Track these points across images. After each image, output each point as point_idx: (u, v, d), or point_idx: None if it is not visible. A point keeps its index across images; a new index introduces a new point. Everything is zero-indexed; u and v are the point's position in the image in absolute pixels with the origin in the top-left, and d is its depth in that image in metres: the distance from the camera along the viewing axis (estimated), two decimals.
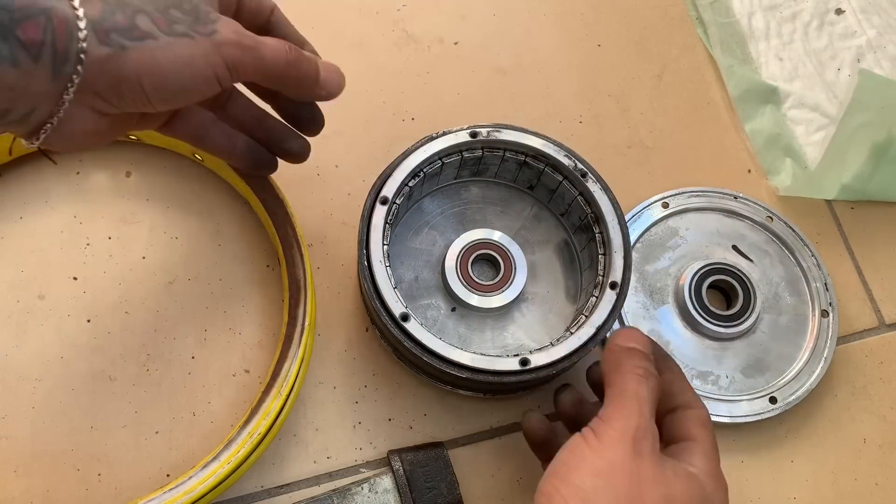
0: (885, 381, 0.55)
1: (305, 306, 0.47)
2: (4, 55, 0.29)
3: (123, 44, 0.32)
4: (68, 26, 0.31)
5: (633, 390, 0.36)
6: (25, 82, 0.31)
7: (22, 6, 0.30)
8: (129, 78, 0.33)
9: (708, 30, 0.65)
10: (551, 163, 0.49)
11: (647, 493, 0.33)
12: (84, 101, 0.33)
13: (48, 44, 0.30)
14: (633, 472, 0.33)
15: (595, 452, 0.34)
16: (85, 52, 0.32)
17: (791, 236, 0.56)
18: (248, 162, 0.45)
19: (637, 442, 0.34)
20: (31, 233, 0.51)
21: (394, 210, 0.47)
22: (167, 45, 0.33)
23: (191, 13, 0.35)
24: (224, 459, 0.43)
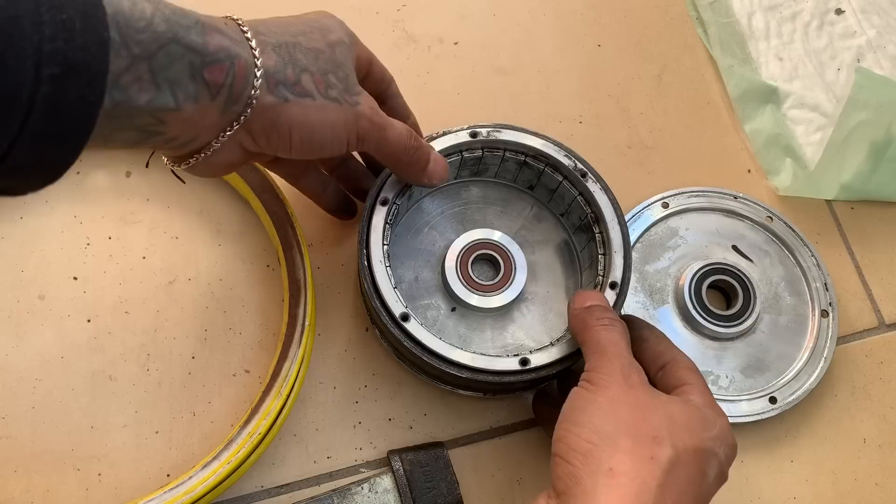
0: (885, 381, 0.55)
1: (305, 306, 0.47)
2: (190, 93, 0.32)
3: (287, 97, 0.36)
4: (247, 73, 0.34)
5: (606, 338, 0.39)
6: (198, 116, 0.34)
7: (213, 51, 0.33)
8: (282, 127, 0.37)
9: (708, 30, 0.65)
10: (551, 163, 0.49)
11: (649, 416, 0.36)
12: (237, 136, 0.37)
13: (227, 86, 0.34)
14: (630, 401, 0.36)
15: (594, 394, 0.37)
16: (256, 99, 0.35)
17: (791, 236, 0.56)
18: (334, 205, 0.50)
19: (626, 377, 0.37)
20: (31, 233, 0.51)
21: (394, 210, 0.47)
22: (321, 106, 0.37)
23: (343, 81, 0.39)
24: (224, 459, 0.43)
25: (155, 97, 0.31)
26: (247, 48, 0.35)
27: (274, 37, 0.37)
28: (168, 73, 0.31)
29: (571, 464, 0.35)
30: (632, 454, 0.34)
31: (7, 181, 0.27)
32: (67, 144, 0.28)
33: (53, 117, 0.26)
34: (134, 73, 0.29)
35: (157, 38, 0.30)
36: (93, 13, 0.27)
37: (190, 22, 0.32)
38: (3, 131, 0.25)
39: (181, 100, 0.32)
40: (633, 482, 0.33)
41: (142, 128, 0.32)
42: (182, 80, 0.32)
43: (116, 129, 0.31)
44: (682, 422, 0.36)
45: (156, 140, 0.34)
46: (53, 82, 0.25)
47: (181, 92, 0.32)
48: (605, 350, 0.39)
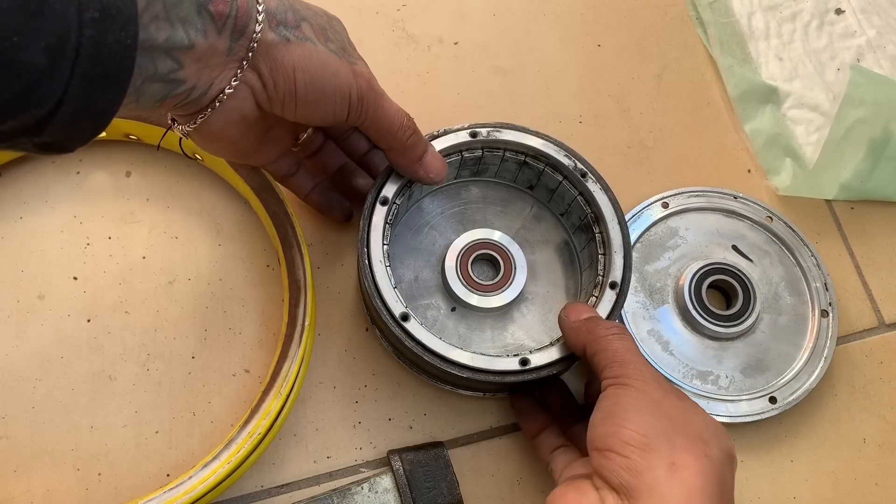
0: (885, 381, 0.55)
1: (305, 306, 0.47)
2: (198, 28, 0.33)
3: (288, 37, 0.37)
4: (248, 7, 0.35)
5: (625, 347, 0.40)
6: (209, 54, 0.34)
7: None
8: (286, 67, 0.37)
9: (708, 30, 0.65)
10: (551, 163, 0.49)
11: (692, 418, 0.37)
12: (248, 79, 0.37)
13: (231, 18, 0.34)
14: (672, 404, 0.37)
15: (637, 393, 0.37)
16: (258, 34, 0.36)
17: (791, 236, 0.56)
18: (324, 203, 0.50)
19: (659, 382, 0.38)
20: (31, 233, 0.51)
21: (394, 210, 0.47)
22: (322, 52, 0.38)
23: (340, 42, 0.40)
24: (224, 459, 0.43)
25: (171, 34, 0.32)
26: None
27: None
28: (179, 11, 0.32)
29: (629, 458, 0.35)
30: (691, 451, 0.35)
31: (61, 131, 0.28)
32: (113, 87, 0.29)
33: (99, 59, 0.27)
34: (151, 12, 0.31)
35: None
36: None
37: None
38: (59, 74, 0.26)
39: (192, 35, 0.33)
40: (696, 476, 0.34)
41: (165, 75, 0.33)
42: (190, 17, 0.33)
43: (146, 80, 0.32)
44: (714, 427, 0.37)
45: (179, 91, 0.35)
46: (95, 26, 0.26)
47: (191, 28, 0.33)
48: (627, 359, 0.39)
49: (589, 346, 0.41)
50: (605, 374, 0.39)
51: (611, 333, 0.41)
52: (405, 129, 0.43)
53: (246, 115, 0.39)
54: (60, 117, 0.27)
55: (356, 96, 0.40)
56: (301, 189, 0.50)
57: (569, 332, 0.43)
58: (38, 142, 0.29)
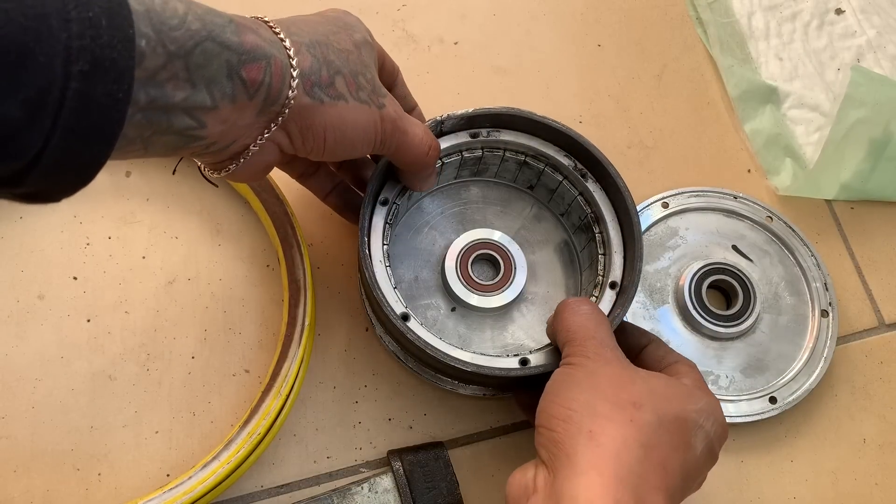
0: (885, 381, 0.55)
1: (305, 306, 0.47)
2: (227, 92, 0.32)
3: (323, 99, 0.37)
4: (283, 74, 0.34)
5: (576, 323, 0.40)
6: (236, 117, 0.34)
7: (249, 49, 0.33)
8: (317, 129, 0.37)
9: (707, 30, 0.65)
10: (551, 163, 0.49)
11: (629, 386, 0.37)
12: (276, 137, 0.37)
13: (265, 85, 0.34)
14: (608, 373, 0.37)
15: (573, 371, 0.38)
16: (293, 99, 0.35)
17: (791, 236, 0.56)
18: (342, 204, 0.49)
19: (600, 355, 0.38)
20: (31, 233, 0.51)
21: (394, 210, 0.47)
22: (353, 108, 0.38)
23: (371, 82, 0.40)
24: (224, 459, 0.43)
25: (191, 95, 0.31)
26: (280, 48, 0.35)
27: (306, 36, 0.37)
28: (205, 72, 0.31)
29: (553, 430, 0.35)
30: (610, 418, 0.35)
31: (42, 183, 0.27)
32: (99, 141, 0.28)
33: (84, 113, 0.26)
34: (170, 70, 0.30)
35: (192, 35, 0.30)
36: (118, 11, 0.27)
37: (223, 21, 0.32)
38: (38, 127, 0.25)
39: (218, 98, 0.32)
40: (612, 441, 0.34)
41: (181, 131, 0.32)
42: (219, 79, 0.32)
43: (156, 132, 0.31)
44: (662, 393, 0.37)
45: (196, 144, 0.34)
46: (83, 78, 0.26)
47: (218, 90, 0.32)
48: (575, 335, 0.40)
49: (555, 334, 0.42)
50: (563, 352, 0.40)
51: (569, 312, 0.41)
52: (424, 160, 0.43)
53: (270, 163, 0.39)
54: (40, 170, 0.26)
55: (380, 139, 0.40)
56: (320, 190, 0.48)
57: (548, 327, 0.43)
58: (19, 192, 0.28)
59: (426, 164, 0.43)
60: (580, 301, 0.42)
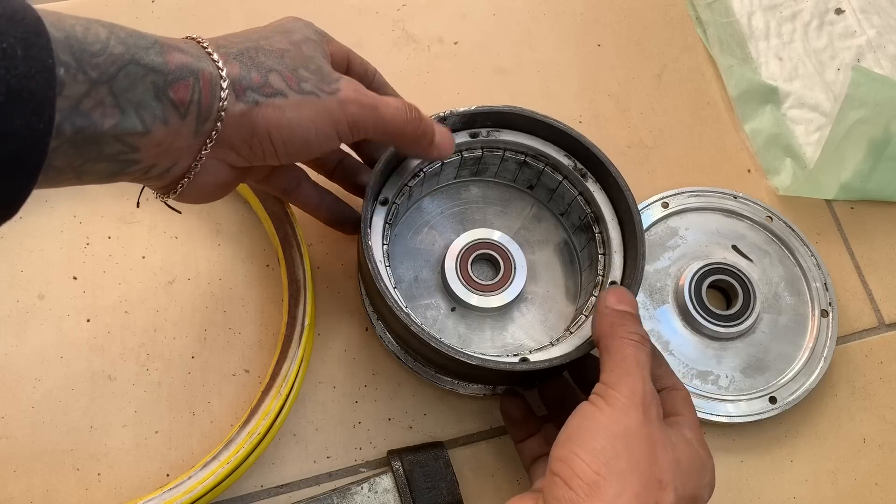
0: (885, 381, 0.55)
1: (305, 306, 0.47)
2: (157, 115, 0.32)
3: (257, 100, 0.35)
4: (212, 86, 0.33)
5: (633, 356, 0.37)
6: (171, 139, 0.33)
7: (175, 69, 0.32)
8: (260, 132, 0.35)
9: (707, 30, 0.65)
10: (551, 162, 0.49)
11: (660, 456, 0.34)
12: (218, 153, 0.36)
13: (195, 103, 0.33)
14: (646, 436, 0.34)
15: (609, 418, 0.35)
16: (224, 110, 0.34)
17: (791, 236, 0.56)
18: (333, 216, 0.48)
19: (647, 408, 0.35)
20: (31, 232, 0.51)
21: (394, 210, 0.47)
22: (296, 102, 0.36)
23: (316, 73, 0.37)
24: (224, 459, 0.43)
25: (120, 121, 0.30)
26: (209, 61, 0.34)
27: (235, 46, 0.36)
28: (131, 96, 0.30)
29: (574, 492, 0.33)
30: (639, 497, 0.33)
31: None
32: (19, 174, 0.27)
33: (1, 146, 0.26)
34: (95, 97, 0.29)
35: (114, 60, 0.30)
36: (35, 41, 0.26)
37: (147, 43, 0.32)
38: None
39: (149, 122, 0.31)
40: None
41: (113, 157, 0.31)
42: (147, 102, 0.31)
43: (87, 160, 0.30)
44: (686, 467, 0.35)
45: (133, 170, 0.33)
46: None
47: (147, 114, 0.31)
48: (630, 370, 0.36)
49: (603, 339, 0.39)
50: (601, 378, 0.37)
51: (630, 338, 0.38)
52: (410, 125, 0.40)
53: (221, 180, 0.38)
54: None
55: (346, 127, 0.38)
56: (306, 204, 0.47)
57: (598, 317, 0.40)
58: None
59: (415, 131, 0.41)
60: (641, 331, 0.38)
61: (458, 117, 0.47)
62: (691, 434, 0.38)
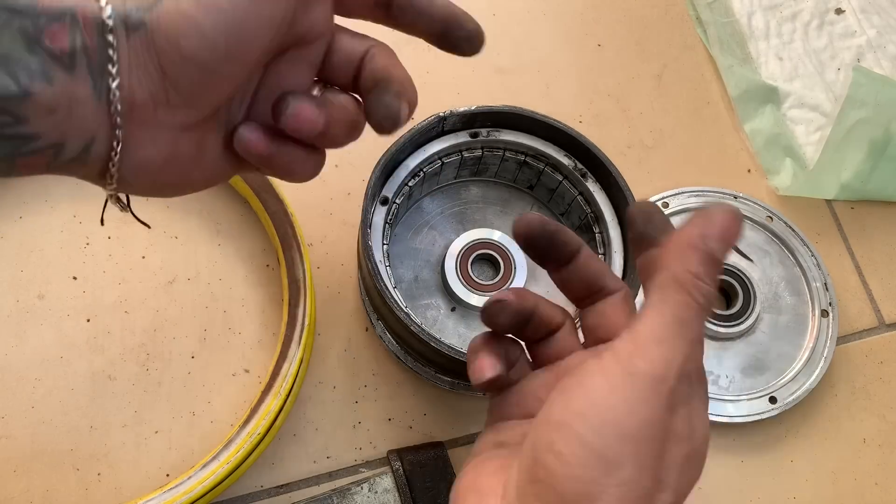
0: (885, 381, 0.55)
1: (305, 306, 0.47)
2: (35, 69, 0.25)
3: (146, 18, 0.26)
4: (96, 25, 0.26)
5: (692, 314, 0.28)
6: (66, 102, 0.26)
7: (45, 9, 0.25)
8: (167, 51, 0.26)
9: (707, 30, 0.65)
10: (551, 162, 0.49)
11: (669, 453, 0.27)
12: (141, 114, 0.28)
13: (79, 50, 0.26)
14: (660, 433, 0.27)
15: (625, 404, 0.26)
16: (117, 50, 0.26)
17: (791, 236, 0.56)
18: None
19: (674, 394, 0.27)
20: (30, 232, 0.51)
21: (394, 210, 0.47)
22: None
23: None
24: (224, 459, 0.43)
25: None
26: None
27: None
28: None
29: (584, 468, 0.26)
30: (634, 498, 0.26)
31: None
32: None
33: None
34: None
35: None
36: None
37: None
38: None
39: (24, 80, 0.24)
40: None
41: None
42: (17, 55, 0.24)
43: None
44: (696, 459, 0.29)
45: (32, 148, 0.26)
46: None
47: (22, 70, 0.24)
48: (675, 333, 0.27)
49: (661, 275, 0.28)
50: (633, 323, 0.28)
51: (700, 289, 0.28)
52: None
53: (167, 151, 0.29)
54: None
55: None
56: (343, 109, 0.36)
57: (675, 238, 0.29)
58: None
59: None
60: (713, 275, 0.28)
61: (458, 117, 0.47)
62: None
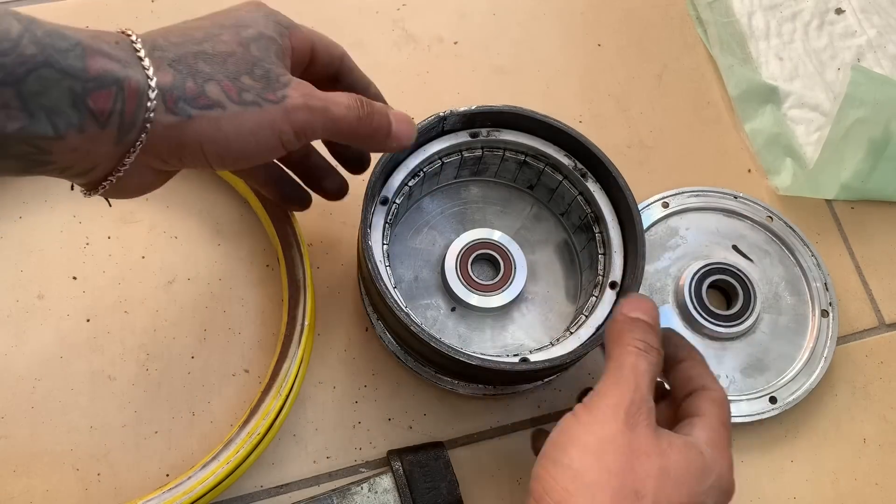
0: (885, 381, 0.55)
1: (305, 306, 0.47)
2: (72, 122, 0.29)
3: (190, 112, 0.33)
4: (139, 96, 0.31)
5: (631, 364, 0.35)
6: (88, 145, 0.31)
7: (96, 76, 0.30)
8: (192, 145, 0.33)
9: (707, 29, 0.65)
10: (551, 162, 0.49)
11: (639, 467, 0.33)
12: (144, 160, 0.33)
13: (117, 113, 0.31)
14: (623, 445, 0.33)
15: (585, 428, 0.34)
16: (151, 122, 0.32)
17: (791, 236, 0.56)
18: (280, 194, 0.46)
19: (630, 416, 0.33)
20: (30, 232, 0.51)
21: (394, 210, 0.47)
22: (234, 114, 0.33)
23: (262, 79, 0.35)
24: (223, 459, 0.43)
25: (27, 125, 0.28)
26: (138, 68, 0.31)
27: (173, 50, 0.33)
28: (44, 100, 0.28)
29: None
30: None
31: None
32: None
33: None
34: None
35: (24, 61, 0.28)
36: None
37: (68, 44, 0.29)
38: None
39: (62, 127, 0.29)
40: None
41: (21, 156, 0.29)
42: (61, 108, 0.29)
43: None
44: (674, 475, 0.33)
45: (46, 169, 0.31)
46: None
47: (61, 120, 0.29)
48: (624, 378, 0.35)
49: (608, 345, 0.37)
50: (596, 385, 0.36)
51: (633, 345, 0.36)
52: (364, 120, 0.38)
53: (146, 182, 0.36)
54: None
55: (291, 135, 0.35)
56: (256, 179, 0.45)
57: (610, 324, 0.38)
58: None
59: (368, 128, 0.38)
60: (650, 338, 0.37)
61: (458, 117, 0.47)
62: (703, 434, 0.36)
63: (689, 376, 0.39)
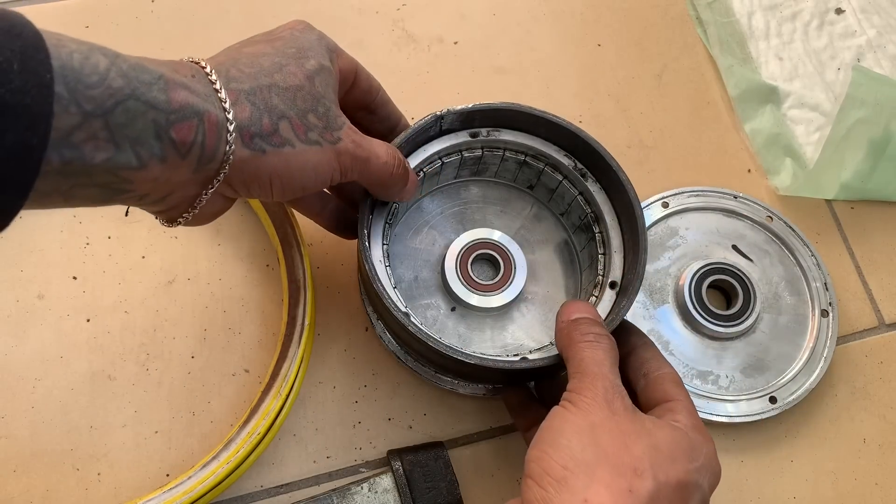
0: (885, 381, 0.55)
1: (305, 306, 0.47)
2: (155, 153, 0.31)
3: (264, 148, 0.35)
4: (218, 130, 0.33)
5: (590, 357, 0.38)
6: (168, 174, 0.32)
7: (179, 108, 0.31)
8: (262, 178, 0.36)
9: (707, 29, 0.65)
10: (551, 162, 0.49)
11: (632, 445, 0.34)
12: (219, 189, 0.35)
13: (198, 145, 0.32)
14: (614, 428, 0.35)
15: (576, 416, 0.36)
16: (230, 155, 0.33)
17: (791, 236, 0.56)
18: (333, 223, 0.47)
19: (609, 401, 0.36)
20: (30, 233, 0.51)
21: (394, 210, 0.47)
22: (300, 151, 0.36)
23: (323, 117, 0.37)
24: (224, 459, 0.43)
25: (113, 156, 0.29)
26: (216, 101, 0.33)
27: (247, 81, 0.35)
28: (129, 131, 0.29)
29: (545, 489, 0.33)
30: (609, 486, 0.33)
31: None
32: (10, 191, 0.26)
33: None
34: (87, 130, 0.28)
35: (112, 94, 0.28)
36: (33, 55, 0.26)
37: (152, 77, 0.30)
38: None
39: (145, 158, 0.30)
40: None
41: (105, 185, 0.31)
42: (146, 139, 0.30)
43: (75, 186, 0.29)
44: (667, 452, 0.35)
45: (125, 197, 0.32)
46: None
47: (145, 151, 0.30)
48: (587, 370, 0.37)
49: (563, 351, 0.40)
50: (567, 386, 0.38)
51: (584, 340, 0.39)
52: (394, 178, 0.41)
53: (217, 209, 0.38)
54: None
55: (339, 173, 0.38)
56: (310, 210, 0.47)
57: (556, 334, 0.41)
58: None
59: (393, 184, 0.42)
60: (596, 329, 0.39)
61: (456, 116, 0.47)
62: (685, 419, 0.37)
63: (643, 358, 0.41)
